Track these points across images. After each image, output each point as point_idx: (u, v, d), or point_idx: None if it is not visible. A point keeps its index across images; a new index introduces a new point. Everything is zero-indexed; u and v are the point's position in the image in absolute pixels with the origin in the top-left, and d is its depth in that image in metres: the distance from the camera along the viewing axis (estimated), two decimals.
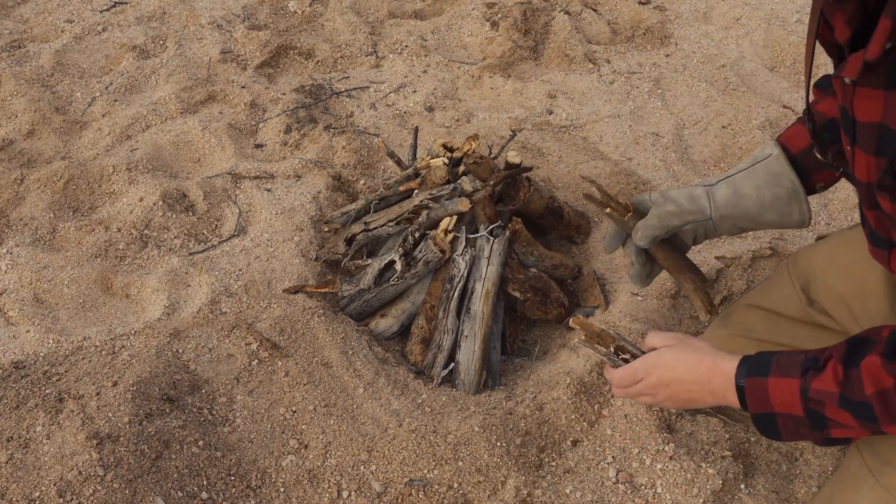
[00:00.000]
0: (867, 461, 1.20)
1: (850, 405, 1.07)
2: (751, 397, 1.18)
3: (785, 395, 1.14)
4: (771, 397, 1.16)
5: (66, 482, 1.27)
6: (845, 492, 1.25)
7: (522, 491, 1.40)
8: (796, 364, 1.14)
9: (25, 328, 1.65)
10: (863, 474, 1.21)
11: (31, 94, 2.38)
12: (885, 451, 1.19)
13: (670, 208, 1.37)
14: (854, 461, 1.24)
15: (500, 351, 1.74)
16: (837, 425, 1.11)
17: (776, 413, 1.16)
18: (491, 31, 2.84)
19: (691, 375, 1.23)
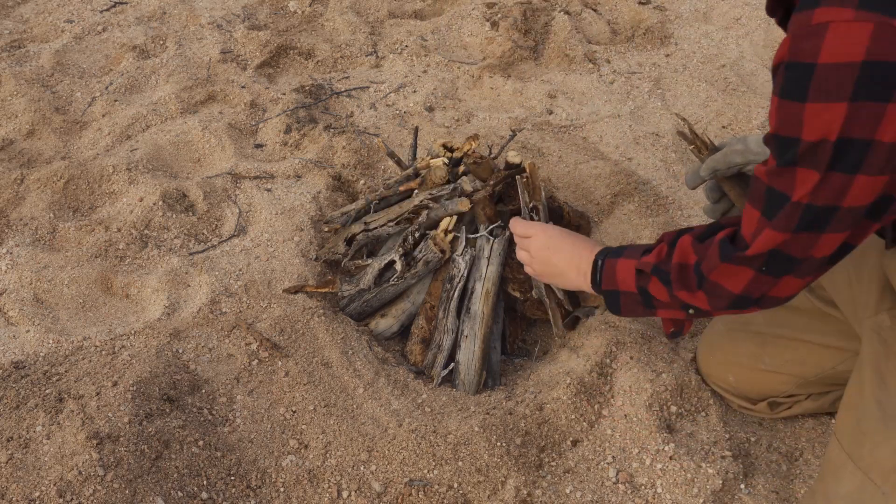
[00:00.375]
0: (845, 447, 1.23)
1: (659, 272, 1.25)
2: (604, 276, 1.37)
3: (626, 273, 1.32)
4: (617, 276, 1.34)
5: (66, 482, 1.27)
6: (827, 480, 1.26)
7: (522, 491, 1.40)
8: (641, 248, 1.32)
9: (25, 328, 1.65)
10: (842, 461, 1.23)
11: (31, 94, 2.38)
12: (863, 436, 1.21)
13: (738, 147, 1.45)
14: (834, 450, 1.26)
15: (500, 351, 1.74)
16: (657, 301, 1.29)
17: (619, 291, 1.35)
18: (491, 31, 2.84)
19: (569, 248, 1.45)
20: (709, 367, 1.59)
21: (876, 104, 0.89)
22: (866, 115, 0.90)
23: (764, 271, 1.10)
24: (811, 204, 0.99)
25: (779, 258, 1.08)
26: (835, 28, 0.89)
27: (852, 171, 0.95)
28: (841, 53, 0.89)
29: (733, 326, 1.57)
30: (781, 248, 1.06)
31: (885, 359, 1.23)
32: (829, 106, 0.91)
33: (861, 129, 0.91)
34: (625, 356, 1.61)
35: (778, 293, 1.14)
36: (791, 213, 1.02)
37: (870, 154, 0.93)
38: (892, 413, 1.18)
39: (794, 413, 1.57)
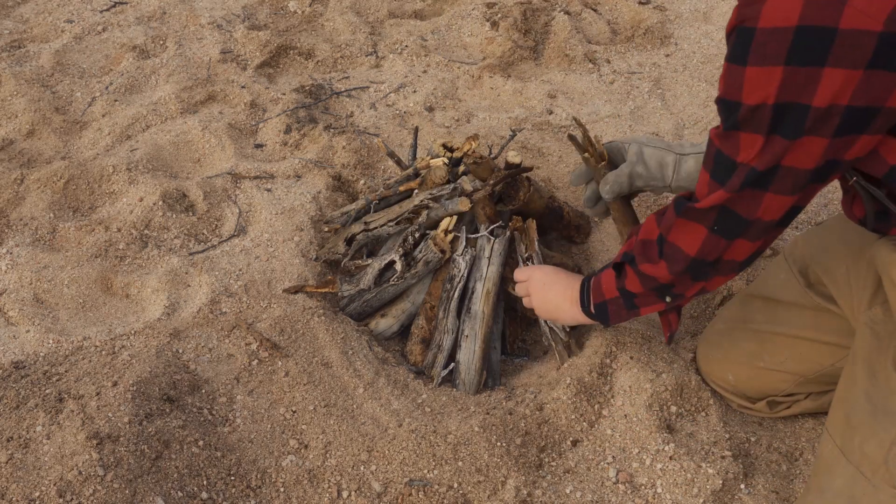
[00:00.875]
0: (837, 443, 1.24)
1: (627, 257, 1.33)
2: (592, 291, 1.44)
3: (608, 279, 1.39)
4: (602, 286, 1.41)
5: (66, 482, 1.27)
6: (820, 475, 1.27)
7: (522, 491, 1.40)
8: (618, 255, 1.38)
9: (25, 328, 1.65)
10: (835, 456, 1.24)
11: (31, 94, 2.38)
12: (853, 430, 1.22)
13: (640, 170, 1.55)
14: (826, 445, 1.27)
15: (500, 351, 1.74)
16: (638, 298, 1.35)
17: (606, 300, 1.41)
18: (491, 31, 2.84)
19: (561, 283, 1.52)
20: (708, 366, 1.59)
21: (810, 69, 0.92)
22: (801, 79, 0.93)
23: (716, 230, 1.15)
24: (755, 165, 1.04)
25: (728, 217, 1.13)
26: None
27: (792, 136, 0.98)
28: (777, 18, 0.92)
29: (733, 325, 1.57)
30: (728, 204, 1.11)
31: (878, 353, 1.24)
32: (767, 70, 0.95)
33: (797, 93, 0.94)
34: (625, 356, 1.61)
35: (733, 256, 1.19)
36: (737, 174, 1.06)
37: (808, 118, 0.95)
38: (881, 406, 1.19)
39: (793, 412, 1.57)
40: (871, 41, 0.89)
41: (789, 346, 1.49)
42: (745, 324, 1.54)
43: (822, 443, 1.29)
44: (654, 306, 1.37)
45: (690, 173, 1.52)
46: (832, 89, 0.93)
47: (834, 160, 1.01)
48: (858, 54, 0.90)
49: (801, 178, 1.04)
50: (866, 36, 0.88)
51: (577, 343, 1.69)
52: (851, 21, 0.88)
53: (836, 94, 0.93)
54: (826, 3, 0.89)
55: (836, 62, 0.91)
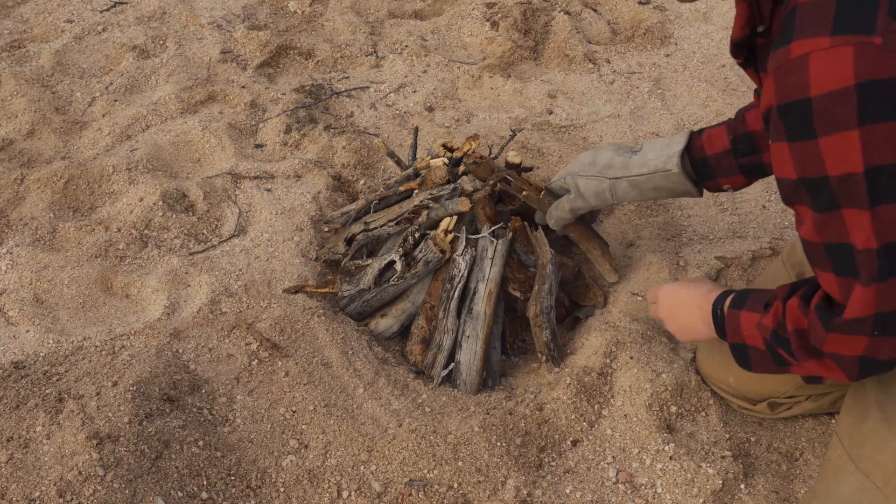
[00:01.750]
0: (847, 448, 1.22)
1: (779, 339, 1.16)
2: (728, 327, 1.28)
3: (751, 328, 1.23)
4: (742, 330, 1.24)
5: (66, 482, 1.27)
6: (828, 480, 1.26)
7: (522, 491, 1.40)
8: (762, 299, 1.22)
9: (25, 328, 1.65)
10: (843, 462, 1.23)
11: (31, 94, 2.38)
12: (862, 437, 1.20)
13: (579, 203, 1.61)
14: (835, 450, 1.26)
15: (500, 351, 1.74)
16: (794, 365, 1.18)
17: (747, 345, 1.25)
18: (491, 31, 2.84)
19: (685, 305, 1.40)
20: (709, 368, 1.59)
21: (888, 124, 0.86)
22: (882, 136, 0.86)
23: (877, 335, 1.01)
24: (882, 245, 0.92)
25: (886, 318, 0.98)
26: (816, 58, 0.87)
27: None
28: (830, 81, 0.86)
29: None
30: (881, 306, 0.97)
31: None
32: (841, 136, 0.88)
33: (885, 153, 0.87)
34: (625, 356, 1.61)
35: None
36: (867, 263, 0.94)
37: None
38: (893, 415, 1.18)
39: (793, 413, 1.57)
40: None
41: None
42: None
43: (831, 447, 1.28)
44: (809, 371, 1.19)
45: (628, 194, 1.56)
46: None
47: None
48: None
49: None
50: None
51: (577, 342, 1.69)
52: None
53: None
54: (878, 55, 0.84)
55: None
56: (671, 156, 1.48)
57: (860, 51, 0.84)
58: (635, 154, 1.54)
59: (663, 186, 1.52)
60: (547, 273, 1.69)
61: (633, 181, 1.53)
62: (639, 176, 1.52)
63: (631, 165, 1.53)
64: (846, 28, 0.85)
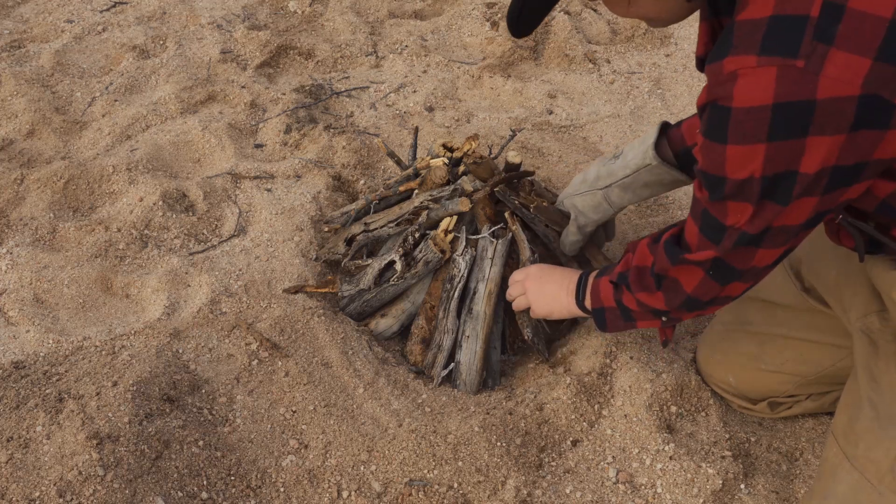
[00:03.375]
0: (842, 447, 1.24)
1: (623, 279, 1.33)
2: (591, 294, 1.44)
3: (607, 289, 1.39)
4: (601, 293, 1.41)
5: (66, 482, 1.27)
6: (824, 479, 1.27)
7: (522, 491, 1.40)
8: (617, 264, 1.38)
9: (25, 328, 1.65)
10: (839, 460, 1.24)
11: (31, 94, 2.38)
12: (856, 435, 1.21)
13: (582, 221, 1.64)
14: (831, 449, 1.27)
15: (500, 351, 1.74)
16: (635, 313, 1.35)
17: (604, 307, 1.41)
18: (491, 31, 2.84)
19: (556, 277, 1.54)
20: (709, 368, 1.59)
21: (794, 141, 0.92)
22: (786, 152, 0.94)
23: (711, 275, 1.16)
24: (746, 229, 1.05)
25: (722, 267, 1.14)
26: (743, 74, 0.93)
27: (783, 203, 0.99)
28: (751, 98, 0.92)
29: (732, 327, 1.57)
30: (722, 258, 1.12)
31: (876, 359, 1.24)
32: (749, 148, 0.95)
33: (784, 164, 0.95)
34: (625, 356, 1.61)
35: (728, 294, 1.20)
36: (728, 236, 1.08)
37: (798, 184, 0.96)
38: (885, 413, 1.19)
39: (794, 413, 1.57)
40: (851, 106, 0.89)
41: (789, 347, 1.49)
42: (744, 326, 1.54)
43: (827, 447, 1.29)
44: (651, 323, 1.38)
45: (622, 198, 1.58)
46: (819, 156, 0.93)
47: (824, 211, 1.03)
48: (841, 120, 0.90)
49: (792, 232, 1.05)
50: (846, 102, 0.89)
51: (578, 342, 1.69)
52: (828, 90, 0.88)
53: (824, 160, 0.93)
54: (799, 79, 0.89)
55: (819, 131, 0.91)
56: (646, 150, 1.52)
57: (783, 72, 0.90)
58: (617, 159, 1.58)
59: (652, 181, 1.54)
60: None
61: (623, 184, 1.56)
62: (625, 178, 1.55)
63: (615, 171, 1.57)
64: (772, 50, 0.91)
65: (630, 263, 1.33)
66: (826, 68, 0.88)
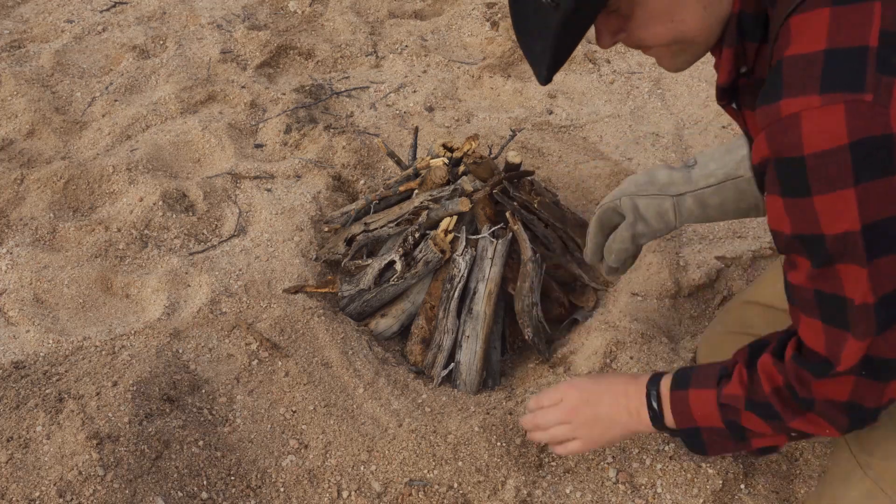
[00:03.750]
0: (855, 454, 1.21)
1: (755, 406, 1.09)
2: (675, 411, 1.18)
3: (705, 406, 1.14)
4: (692, 410, 1.16)
5: (66, 482, 1.27)
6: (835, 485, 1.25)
7: (522, 491, 1.40)
8: (713, 374, 1.14)
9: (25, 328, 1.65)
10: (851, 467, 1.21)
11: (31, 94, 2.38)
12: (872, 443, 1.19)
13: (640, 229, 1.43)
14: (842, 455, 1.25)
15: (500, 351, 1.74)
16: (754, 434, 1.13)
17: (699, 427, 1.16)
18: (491, 31, 2.84)
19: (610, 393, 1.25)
20: None
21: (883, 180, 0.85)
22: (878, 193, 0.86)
23: (864, 375, 0.99)
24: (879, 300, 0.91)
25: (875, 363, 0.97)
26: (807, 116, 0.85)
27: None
28: (824, 140, 0.85)
29: (733, 329, 1.57)
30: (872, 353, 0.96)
31: None
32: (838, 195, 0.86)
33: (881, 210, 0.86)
34: (625, 356, 1.61)
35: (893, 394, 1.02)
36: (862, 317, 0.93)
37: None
38: None
39: None
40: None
41: None
42: (745, 329, 1.54)
43: (838, 451, 1.27)
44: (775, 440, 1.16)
45: (692, 212, 1.42)
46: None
47: None
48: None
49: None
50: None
51: (578, 342, 1.69)
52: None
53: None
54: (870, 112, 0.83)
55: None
56: (739, 161, 1.36)
57: (852, 108, 0.83)
58: (692, 168, 1.43)
59: (730, 200, 1.39)
60: (528, 271, 1.69)
61: (701, 195, 1.40)
62: (706, 188, 1.39)
63: (695, 179, 1.41)
64: (836, 86, 0.84)
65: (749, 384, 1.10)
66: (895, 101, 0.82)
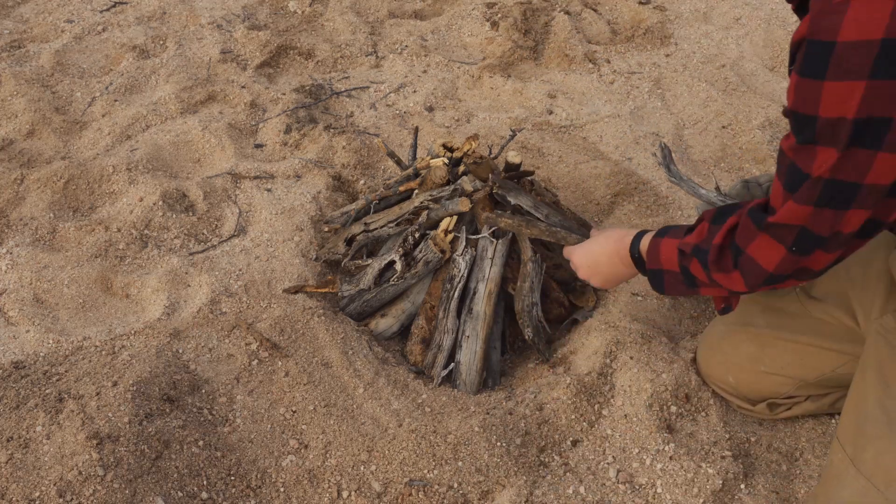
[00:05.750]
0: (848, 452, 1.22)
1: (699, 252, 1.23)
2: (648, 255, 1.37)
3: (668, 251, 1.32)
4: (661, 255, 1.33)
5: (66, 482, 1.27)
6: (830, 484, 1.26)
7: (523, 491, 1.40)
8: (685, 227, 1.31)
9: (25, 328, 1.65)
10: (845, 466, 1.22)
11: (31, 94, 2.38)
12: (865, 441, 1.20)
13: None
14: (836, 455, 1.25)
15: (500, 351, 1.74)
16: (700, 282, 1.27)
17: (663, 270, 1.34)
18: (491, 31, 2.84)
19: (604, 251, 1.48)
20: (709, 368, 1.59)
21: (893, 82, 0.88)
22: (886, 93, 0.90)
23: (794, 251, 1.10)
24: (831, 179, 0.99)
25: (806, 236, 1.08)
26: (855, 5, 0.89)
27: (873, 148, 0.94)
28: (861, 31, 0.88)
29: (733, 328, 1.57)
30: (806, 223, 1.06)
31: (891, 361, 1.22)
32: (848, 84, 0.91)
33: (881, 107, 0.91)
34: (625, 356, 1.61)
35: (811, 265, 1.13)
36: (811, 188, 1.02)
37: (891, 132, 0.92)
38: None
39: (793, 414, 1.57)
40: None
41: (790, 350, 1.48)
42: (746, 327, 1.54)
43: (832, 451, 1.28)
44: (718, 291, 1.30)
45: None
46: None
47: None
48: None
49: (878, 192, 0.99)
50: None
51: (578, 342, 1.69)
52: None
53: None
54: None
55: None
56: None
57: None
58: None
59: None
60: (528, 271, 1.69)
61: None
62: None
63: None
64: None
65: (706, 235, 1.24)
66: None
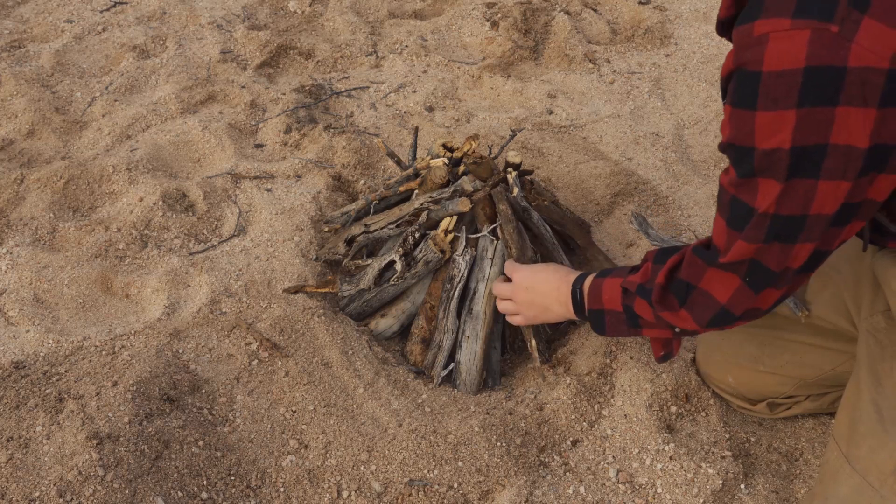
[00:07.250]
0: (843, 450, 1.23)
1: (644, 291, 1.25)
2: (589, 295, 1.38)
3: (611, 291, 1.33)
4: (603, 295, 1.35)
5: (66, 482, 1.27)
6: (825, 482, 1.27)
7: (523, 491, 1.40)
8: (628, 268, 1.34)
9: (25, 328, 1.65)
10: (840, 464, 1.23)
11: (31, 94, 2.38)
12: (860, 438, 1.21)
13: None
14: (832, 452, 1.27)
15: (500, 351, 1.74)
16: (644, 322, 1.29)
17: (604, 310, 1.35)
18: (491, 31, 2.84)
19: (546, 281, 1.48)
20: (708, 368, 1.59)
21: (824, 109, 0.90)
22: (816, 120, 0.91)
23: (748, 282, 1.10)
24: (777, 214, 1.00)
25: (758, 270, 1.08)
26: (775, 38, 0.91)
27: (813, 177, 0.95)
28: (783, 61, 0.90)
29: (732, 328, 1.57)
30: (756, 258, 1.06)
31: (881, 360, 1.23)
32: (779, 114, 0.92)
33: (813, 135, 0.92)
34: (625, 356, 1.61)
35: (759, 305, 1.14)
36: (758, 224, 1.02)
37: (827, 159, 0.93)
38: (889, 416, 1.18)
39: (793, 413, 1.57)
40: (880, 79, 0.87)
41: (789, 350, 1.49)
42: (746, 327, 1.54)
43: (828, 450, 1.29)
44: (661, 332, 1.31)
45: None
46: (849, 129, 0.90)
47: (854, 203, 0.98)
48: (870, 93, 0.87)
49: (823, 221, 1.00)
50: (875, 73, 0.86)
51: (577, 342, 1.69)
52: (859, 59, 0.86)
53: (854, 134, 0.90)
54: (832, 43, 0.87)
55: (848, 101, 0.88)
56: None
57: (816, 36, 0.88)
58: None
59: None
60: None
61: None
62: None
63: None
64: (807, 13, 0.89)
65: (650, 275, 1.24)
66: (859, 36, 0.86)
